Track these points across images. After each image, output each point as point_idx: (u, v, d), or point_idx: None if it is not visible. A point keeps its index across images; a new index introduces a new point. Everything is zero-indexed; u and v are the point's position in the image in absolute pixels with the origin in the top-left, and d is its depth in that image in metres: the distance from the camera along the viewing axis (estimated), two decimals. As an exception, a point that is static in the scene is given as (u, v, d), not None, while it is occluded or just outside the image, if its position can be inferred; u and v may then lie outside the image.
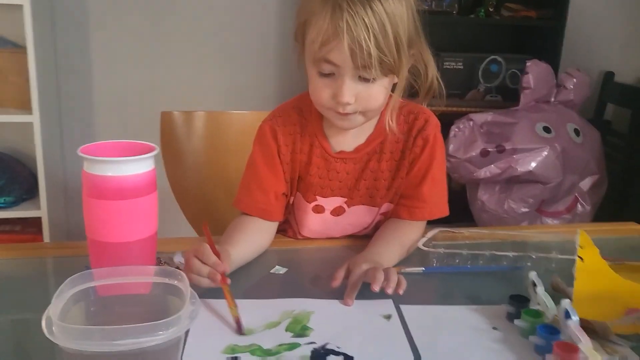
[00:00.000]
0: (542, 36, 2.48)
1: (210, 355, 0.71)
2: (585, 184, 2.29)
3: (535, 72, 2.25)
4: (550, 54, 2.39)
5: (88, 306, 0.68)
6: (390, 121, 1.00)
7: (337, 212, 1.08)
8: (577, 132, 2.25)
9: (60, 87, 2.36)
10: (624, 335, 0.76)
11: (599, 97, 2.68)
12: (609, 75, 2.67)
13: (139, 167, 0.77)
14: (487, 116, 2.21)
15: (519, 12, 2.43)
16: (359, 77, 0.90)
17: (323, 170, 1.04)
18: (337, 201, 1.06)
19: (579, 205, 2.30)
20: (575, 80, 2.32)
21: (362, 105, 0.93)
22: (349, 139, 1.04)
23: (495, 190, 2.24)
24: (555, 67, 2.37)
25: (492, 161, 2.13)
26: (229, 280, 0.82)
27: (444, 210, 1.06)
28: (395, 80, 0.96)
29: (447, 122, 2.22)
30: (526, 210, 2.22)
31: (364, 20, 0.84)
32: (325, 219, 1.08)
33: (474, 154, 2.14)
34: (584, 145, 2.25)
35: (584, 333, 0.69)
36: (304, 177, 1.05)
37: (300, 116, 1.04)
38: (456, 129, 2.17)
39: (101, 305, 0.69)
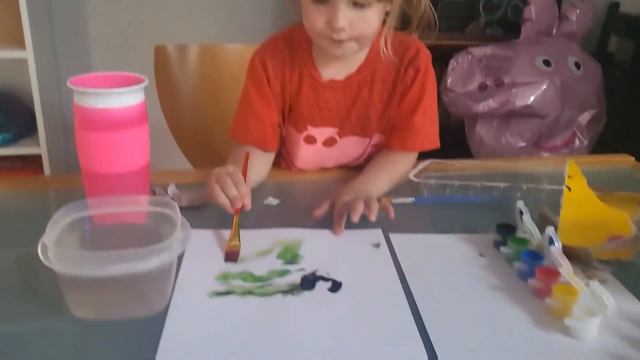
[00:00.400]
0: (546, -35, 2.41)
1: (203, 281, 0.73)
2: (584, 118, 2.28)
3: (537, 3, 2.20)
4: (554, -16, 2.33)
5: (83, 235, 0.70)
6: (384, 48, 1.00)
7: (329, 143, 1.09)
8: (577, 65, 2.22)
9: (53, 21, 2.32)
10: (605, 260, 0.78)
11: (603, 29, 2.62)
12: (613, 6, 2.61)
13: (129, 99, 0.77)
14: (487, 50, 2.18)
15: (523, -60, 2.35)
16: (353, 2, 0.90)
17: (313, 100, 1.05)
18: (328, 131, 1.07)
19: (577, 140, 2.30)
20: (578, 11, 2.27)
21: (356, 31, 0.92)
22: (339, 68, 1.04)
23: (493, 124, 2.23)
24: (558, -4, 2.31)
25: (491, 95, 2.12)
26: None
27: (435, 142, 1.07)
28: (388, 8, 0.95)
29: (446, 56, 2.19)
30: (524, 144, 2.22)
31: None
32: (318, 150, 1.09)
33: (472, 87, 2.12)
34: (584, 78, 2.22)
35: (565, 258, 0.71)
36: (294, 107, 1.06)
37: (290, 46, 1.04)
38: (454, 63, 2.14)
39: (96, 234, 0.71)
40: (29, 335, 0.63)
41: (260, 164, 1.03)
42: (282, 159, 1.15)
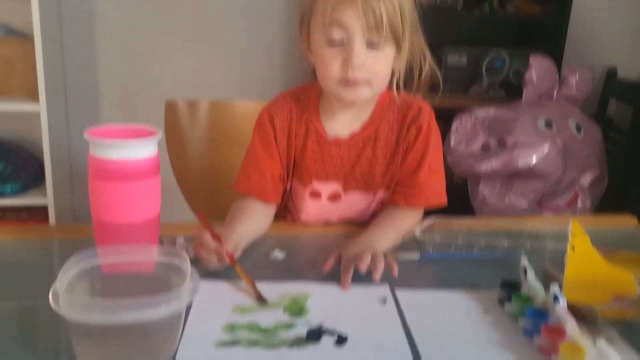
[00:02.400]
0: (546, 32, 2.50)
1: (210, 331, 0.73)
2: (586, 179, 2.31)
3: (537, 68, 2.27)
4: (554, 49, 2.41)
5: (93, 283, 0.71)
6: (395, 93, 1.05)
7: (334, 198, 1.11)
8: (578, 127, 2.26)
9: (66, 76, 2.39)
10: (611, 320, 0.78)
11: (602, 93, 2.69)
12: (612, 71, 2.68)
13: (143, 151, 0.80)
14: (489, 111, 2.23)
15: (523, 8, 2.44)
16: (368, 43, 0.95)
17: (318, 155, 1.08)
18: (333, 186, 1.10)
19: (580, 201, 2.32)
20: (577, 76, 2.33)
21: (369, 73, 0.97)
22: (344, 125, 1.07)
23: (496, 184, 2.26)
24: (558, 62, 2.38)
25: (493, 155, 2.15)
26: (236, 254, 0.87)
27: (441, 199, 1.09)
28: (398, 60, 1.01)
29: (450, 116, 2.24)
30: (527, 205, 2.24)
31: None
32: (323, 205, 1.11)
33: (475, 148, 2.16)
34: (584, 140, 2.26)
35: (570, 316, 0.72)
36: (300, 161, 1.09)
37: (298, 103, 1.09)
38: (458, 123, 2.19)
39: (106, 282, 0.72)
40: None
41: (261, 217, 1.05)
42: (289, 212, 1.16)
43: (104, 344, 0.65)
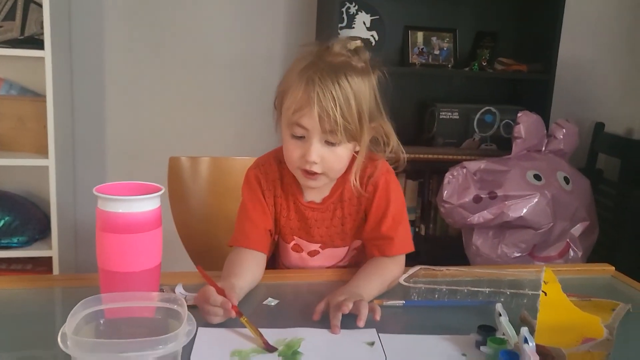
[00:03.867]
0: (534, 88, 2.61)
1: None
2: (577, 230, 2.37)
3: (526, 123, 2.36)
4: (542, 105, 2.51)
5: (98, 326, 0.77)
6: (354, 181, 1.13)
7: (313, 254, 1.22)
8: (566, 180, 2.34)
9: (75, 133, 2.50)
10: (579, 361, 0.84)
11: (591, 147, 2.78)
12: (599, 126, 2.78)
13: (146, 205, 0.87)
14: (480, 164, 2.31)
15: (511, 66, 2.56)
16: (326, 141, 1.05)
17: (298, 216, 1.18)
18: (312, 246, 1.20)
19: (571, 251, 2.37)
20: (564, 130, 2.42)
21: (326, 166, 1.07)
22: (317, 192, 1.17)
23: (489, 235, 2.32)
24: (546, 117, 2.48)
25: (485, 207, 2.22)
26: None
27: (409, 247, 1.16)
28: (357, 147, 1.10)
29: (444, 169, 2.33)
30: (519, 255, 2.29)
31: (332, 93, 1.00)
32: (303, 258, 1.22)
33: (467, 200, 2.23)
34: (573, 192, 2.33)
35: (536, 356, 0.77)
36: (283, 222, 1.19)
37: (279, 166, 1.18)
38: (450, 176, 2.26)
39: (110, 326, 0.78)
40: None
41: (256, 265, 1.13)
42: (281, 265, 1.27)
43: (107, 382, 0.70)
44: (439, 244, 2.68)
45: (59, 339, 0.69)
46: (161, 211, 0.92)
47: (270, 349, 0.87)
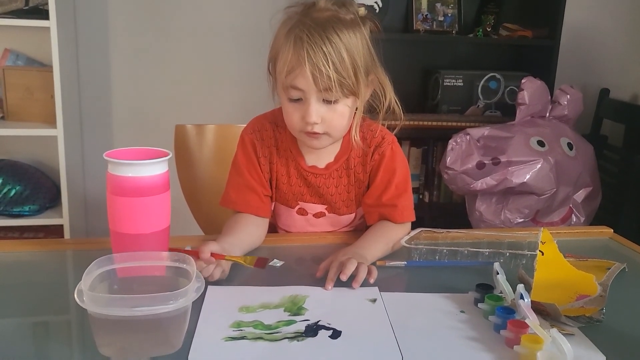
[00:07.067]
0: (538, 54, 2.60)
1: (219, 329, 0.83)
2: (579, 195, 2.39)
3: (529, 89, 2.36)
4: (546, 71, 2.51)
5: (111, 284, 0.81)
6: (355, 136, 1.13)
7: (319, 215, 1.22)
8: (570, 146, 2.35)
9: (81, 102, 2.52)
10: (573, 317, 0.87)
11: (596, 113, 2.78)
12: (604, 92, 2.78)
13: (155, 169, 0.90)
14: (484, 130, 2.32)
15: (516, 32, 2.55)
16: (323, 100, 1.03)
17: (300, 181, 1.18)
18: (317, 207, 1.21)
19: (574, 216, 2.40)
20: (568, 96, 2.42)
21: (327, 124, 1.06)
22: (319, 156, 1.17)
23: (492, 201, 2.34)
24: (551, 84, 2.48)
25: (488, 173, 2.24)
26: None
27: (410, 216, 1.19)
28: (357, 102, 1.09)
29: (448, 136, 2.34)
30: (522, 220, 2.32)
31: (322, 49, 0.99)
32: (309, 220, 1.23)
33: (470, 166, 2.24)
34: (577, 158, 2.35)
35: (532, 311, 0.81)
36: (284, 187, 1.19)
37: (276, 131, 1.18)
38: (453, 143, 2.28)
39: (122, 284, 0.81)
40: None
41: (254, 228, 1.15)
42: (279, 229, 1.27)
43: (122, 336, 0.74)
44: (442, 210, 2.71)
45: (75, 295, 0.73)
46: (169, 175, 0.95)
47: (262, 263, 0.96)
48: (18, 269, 1.06)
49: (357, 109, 1.10)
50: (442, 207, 2.71)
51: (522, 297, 0.84)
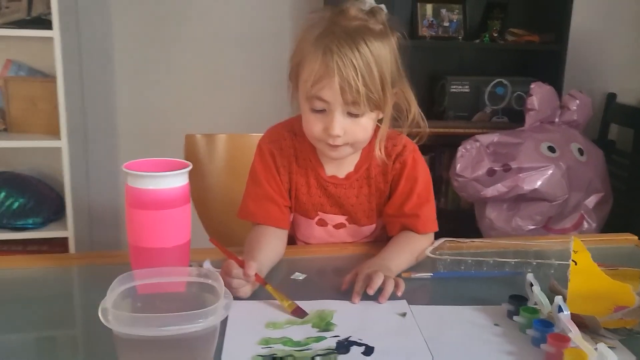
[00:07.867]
0: (545, 59, 2.58)
1: (247, 346, 0.80)
2: (591, 201, 2.36)
3: (539, 94, 2.34)
4: (554, 76, 2.49)
5: (134, 302, 0.77)
6: (379, 151, 1.10)
7: (339, 227, 1.19)
8: (580, 151, 2.33)
9: (86, 113, 2.49)
10: (612, 329, 0.84)
11: (603, 118, 2.77)
12: (611, 97, 2.76)
13: (176, 180, 0.87)
14: (494, 137, 2.30)
15: (522, 37, 2.54)
16: (348, 112, 1.00)
17: (320, 191, 1.15)
18: (338, 218, 1.17)
19: (585, 222, 2.37)
20: (578, 101, 2.40)
21: (350, 137, 1.03)
22: (339, 165, 1.14)
23: (502, 208, 2.32)
24: (558, 89, 2.46)
25: (499, 180, 2.21)
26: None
27: (433, 227, 1.15)
28: (381, 115, 1.06)
29: (455, 143, 2.32)
30: (533, 227, 2.29)
31: (352, 61, 0.95)
32: (329, 231, 1.19)
33: (480, 173, 2.22)
34: (588, 164, 2.32)
35: (573, 324, 0.77)
36: (304, 198, 1.15)
37: (294, 140, 1.14)
38: (463, 150, 2.25)
39: (145, 301, 0.78)
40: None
41: (278, 242, 1.12)
42: (298, 240, 1.24)
43: (147, 355, 0.71)
44: (450, 217, 2.67)
45: (99, 314, 0.69)
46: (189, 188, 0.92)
47: (300, 314, 0.88)
48: (22, 286, 1.01)
49: (381, 121, 1.08)
50: (450, 215, 2.68)
51: (560, 310, 0.81)
